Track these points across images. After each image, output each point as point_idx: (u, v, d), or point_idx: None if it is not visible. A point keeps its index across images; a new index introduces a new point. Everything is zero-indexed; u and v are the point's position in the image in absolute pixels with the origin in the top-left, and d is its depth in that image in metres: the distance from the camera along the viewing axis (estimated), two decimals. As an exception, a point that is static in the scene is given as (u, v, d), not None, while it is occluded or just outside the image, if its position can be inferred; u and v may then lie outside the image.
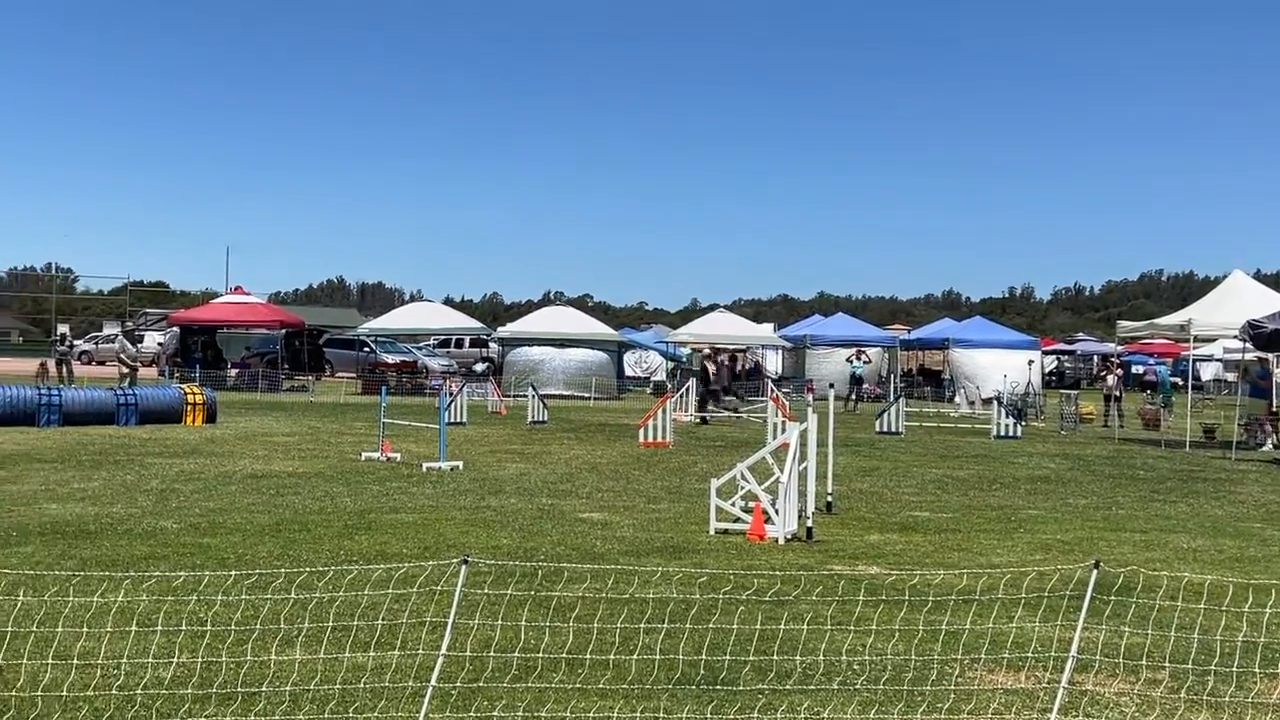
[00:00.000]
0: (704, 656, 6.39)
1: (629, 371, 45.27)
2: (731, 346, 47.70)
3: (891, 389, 37.41)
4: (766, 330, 50.04)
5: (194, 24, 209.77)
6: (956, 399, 38.81)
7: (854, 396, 36.21)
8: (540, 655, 6.31)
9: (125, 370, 32.15)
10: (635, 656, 6.34)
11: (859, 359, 37.81)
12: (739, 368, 30.22)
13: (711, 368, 31.22)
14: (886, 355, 44.55)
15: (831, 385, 14.78)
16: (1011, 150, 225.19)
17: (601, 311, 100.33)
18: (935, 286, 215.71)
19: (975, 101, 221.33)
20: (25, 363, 49.87)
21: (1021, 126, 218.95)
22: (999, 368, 38.64)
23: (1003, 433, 25.60)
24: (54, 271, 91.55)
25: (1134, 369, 52.05)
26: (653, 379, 46.48)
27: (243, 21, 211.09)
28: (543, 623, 6.98)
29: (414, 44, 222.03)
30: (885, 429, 26.01)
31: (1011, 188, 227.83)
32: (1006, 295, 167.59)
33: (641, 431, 21.46)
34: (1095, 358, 64.62)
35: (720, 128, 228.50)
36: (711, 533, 11.17)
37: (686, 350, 48.86)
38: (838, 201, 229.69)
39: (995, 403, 27.42)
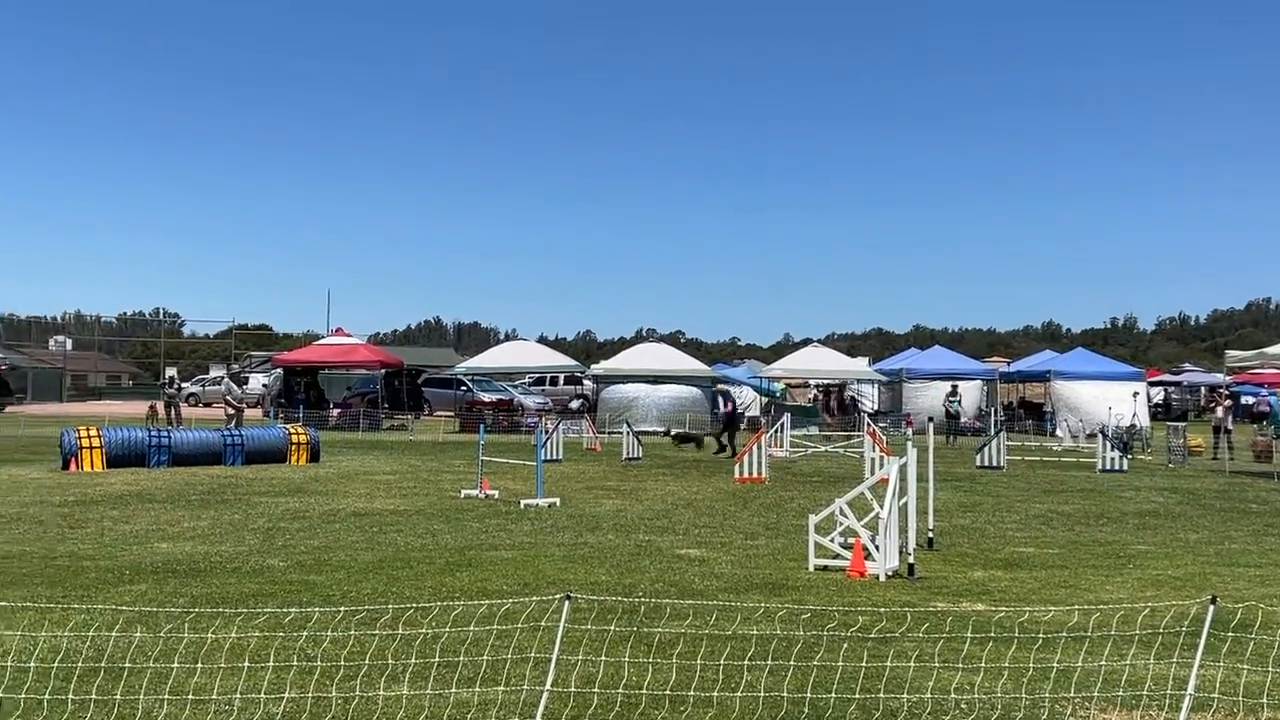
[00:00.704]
0: (808, 694, 6.33)
1: (722, 408, 45.14)
2: (826, 381, 47.38)
3: (992, 423, 36.80)
4: (861, 364, 49.61)
5: (295, 72, 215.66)
6: (1059, 432, 38.03)
7: (951, 431, 35.71)
8: (643, 692, 6.31)
9: (231, 411, 32.96)
10: (739, 694, 6.30)
11: (953, 397, 37.31)
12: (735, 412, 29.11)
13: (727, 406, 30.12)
14: (985, 388, 43.86)
15: (930, 419, 14.59)
16: (1110, 176, 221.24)
17: (694, 348, 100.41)
18: (1034, 318, 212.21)
19: (1072, 126, 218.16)
20: (136, 405, 51.44)
21: (1121, 151, 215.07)
22: (1103, 400, 37.82)
23: (1108, 466, 25.02)
24: (162, 316, 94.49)
25: (1243, 400, 50.53)
26: (746, 414, 46.29)
27: (341, 70, 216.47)
28: (645, 659, 6.98)
29: (508, 90, 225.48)
30: (986, 463, 25.58)
31: (1112, 215, 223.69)
32: (1108, 326, 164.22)
33: (737, 467, 21.39)
34: (1202, 389, 62.90)
35: (807, 162, 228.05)
36: (811, 569, 11.07)
37: (780, 385, 48.65)
38: (932, 233, 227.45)
39: (1100, 436, 26.80)
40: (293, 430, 24.78)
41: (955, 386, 38.57)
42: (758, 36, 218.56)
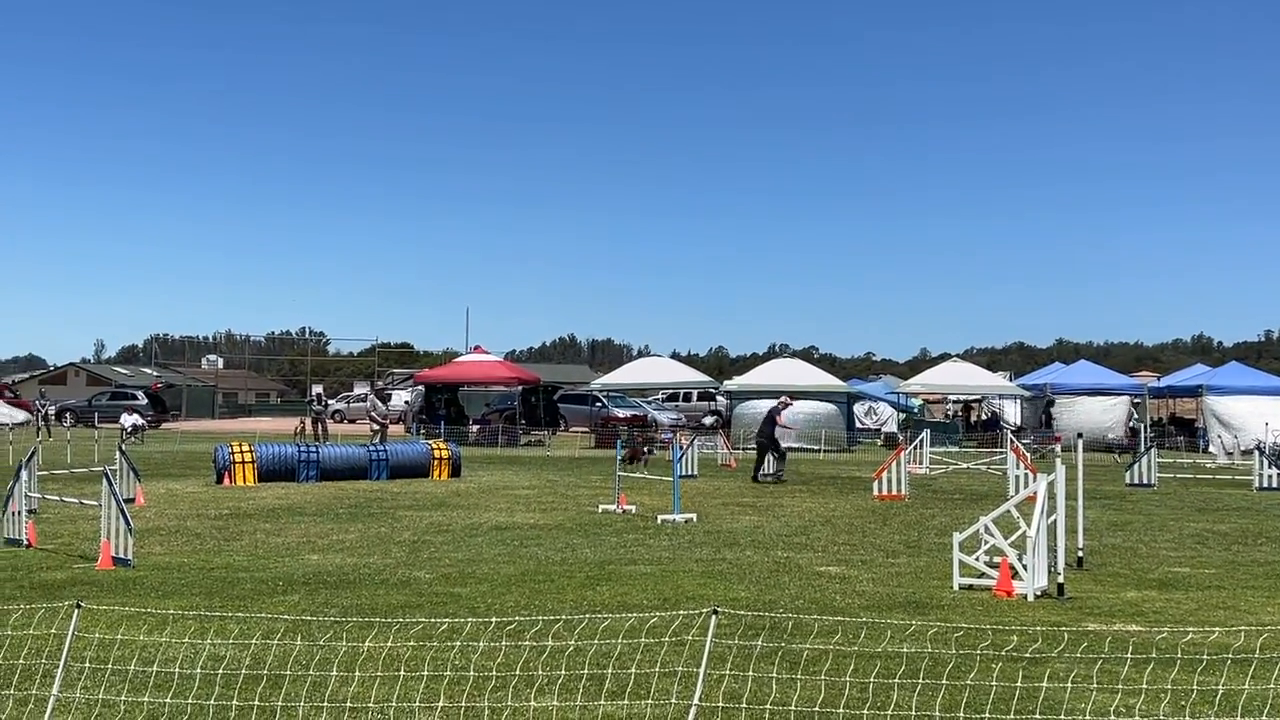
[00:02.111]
0: (960, 714, 6.20)
1: (859, 423, 44.64)
2: (959, 396, 46.42)
3: (1142, 439, 35.62)
4: (1002, 379, 48.53)
5: (436, 89, 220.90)
6: (1212, 449, 36.60)
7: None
8: (791, 708, 6.26)
9: (376, 427, 33.74)
10: (888, 713, 6.21)
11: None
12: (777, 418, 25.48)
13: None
14: (1134, 404, 42.48)
15: (1079, 435, 14.17)
16: (1262, 183, 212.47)
17: (828, 363, 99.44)
18: (1184, 330, 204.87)
19: (1217, 127, 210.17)
20: (284, 422, 53.12)
21: (1272, 154, 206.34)
22: (1259, 415, 36.27)
23: (1266, 484, 23.96)
24: (308, 335, 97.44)
25: None
26: (883, 430, 45.69)
27: (480, 86, 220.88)
28: (790, 676, 6.92)
29: (645, 105, 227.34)
30: (1136, 481, 24.74)
31: (1265, 224, 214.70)
32: (1262, 339, 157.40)
33: (876, 484, 21.10)
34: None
35: (946, 167, 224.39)
36: (955, 588, 10.85)
37: (918, 401, 47.87)
38: (1076, 244, 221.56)
39: (1256, 453, 25.70)
40: (435, 446, 25.29)
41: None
42: (905, 29, 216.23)
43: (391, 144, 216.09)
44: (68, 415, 53.20)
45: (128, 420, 41.83)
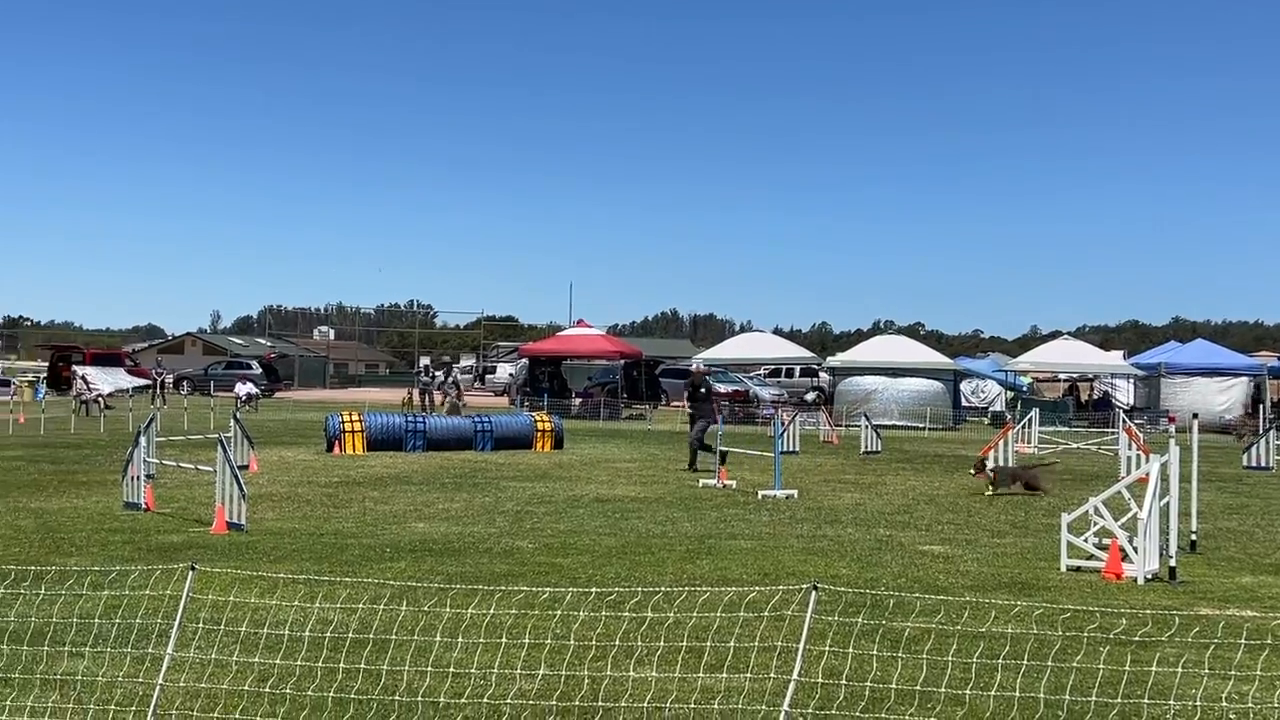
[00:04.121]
0: (1066, 697, 6.09)
1: (965, 401, 43.95)
2: (1070, 374, 45.40)
3: (1261, 420, 34.49)
4: (1116, 358, 47.34)
5: (540, 68, 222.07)
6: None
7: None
8: (891, 686, 6.21)
9: (440, 399, 33.90)
10: (992, 693, 6.12)
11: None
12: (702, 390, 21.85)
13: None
14: (1253, 384, 41.13)
15: (1195, 415, 13.75)
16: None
17: (934, 340, 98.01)
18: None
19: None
20: (392, 392, 54.10)
21: None
22: (1387, 397, 34.85)
23: (1395, 469, 23.03)
24: (415, 308, 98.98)
25: None
26: (991, 409, 44.93)
27: (584, 64, 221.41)
28: (891, 654, 6.87)
29: (752, 80, 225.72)
30: (1254, 464, 23.97)
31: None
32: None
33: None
34: None
35: (1054, 143, 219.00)
36: (1062, 570, 10.65)
37: (1027, 379, 46.96)
38: (1191, 219, 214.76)
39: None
40: (538, 418, 25.55)
41: None
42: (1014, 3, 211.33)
43: (498, 120, 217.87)
44: (185, 384, 54.88)
45: (242, 389, 42.99)
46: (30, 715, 5.69)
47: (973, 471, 18.70)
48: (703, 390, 22.14)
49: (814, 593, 5.18)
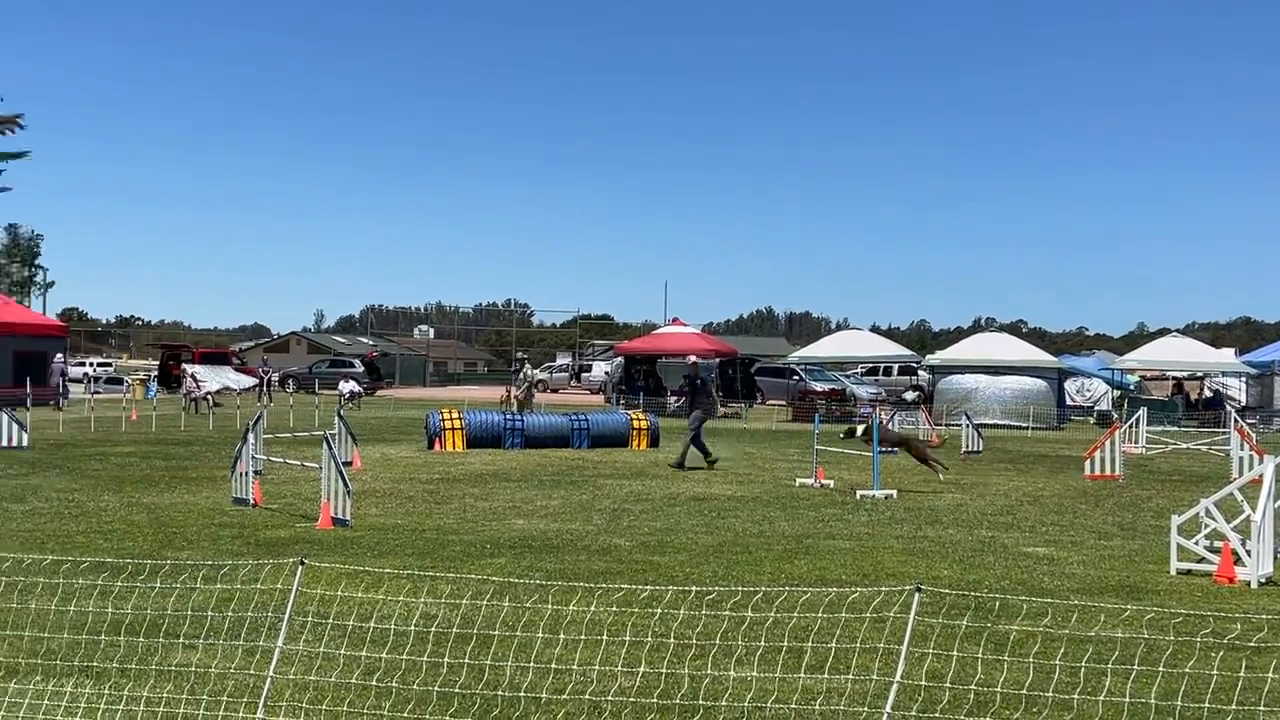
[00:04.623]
0: (1177, 703, 5.94)
1: (1070, 400, 43.03)
2: (1178, 372, 44.16)
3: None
4: (1227, 356, 45.98)
5: (628, 65, 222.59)
6: None
7: None
8: (997, 690, 6.11)
9: (520, 398, 34.02)
10: (1100, 698, 6.00)
11: None
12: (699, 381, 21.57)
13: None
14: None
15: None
16: None
17: (1037, 337, 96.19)
18: None
19: None
20: (490, 390, 54.69)
21: None
22: None
23: None
24: (513, 307, 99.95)
25: None
26: (1096, 408, 43.95)
27: (683, 61, 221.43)
28: (996, 657, 6.76)
29: (836, 75, 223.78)
30: (1375, 465, 23.11)
31: None
32: None
33: (1087, 463, 20.32)
34: None
35: (1164, 134, 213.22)
36: (1172, 573, 10.38)
37: (1134, 378, 45.86)
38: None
39: None
40: (634, 416, 25.62)
41: None
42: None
43: (596, 118, 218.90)
44: (290, 382, 56.12)
45: (345, 387, 43.80)
46: (147, 705, 5.87)
47: (842, 435, 18.95)
48: (699, 382, 22.00)
49: (917, 594, 5.12)
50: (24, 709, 5.77)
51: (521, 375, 33.34)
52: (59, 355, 41.05)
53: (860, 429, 18.23)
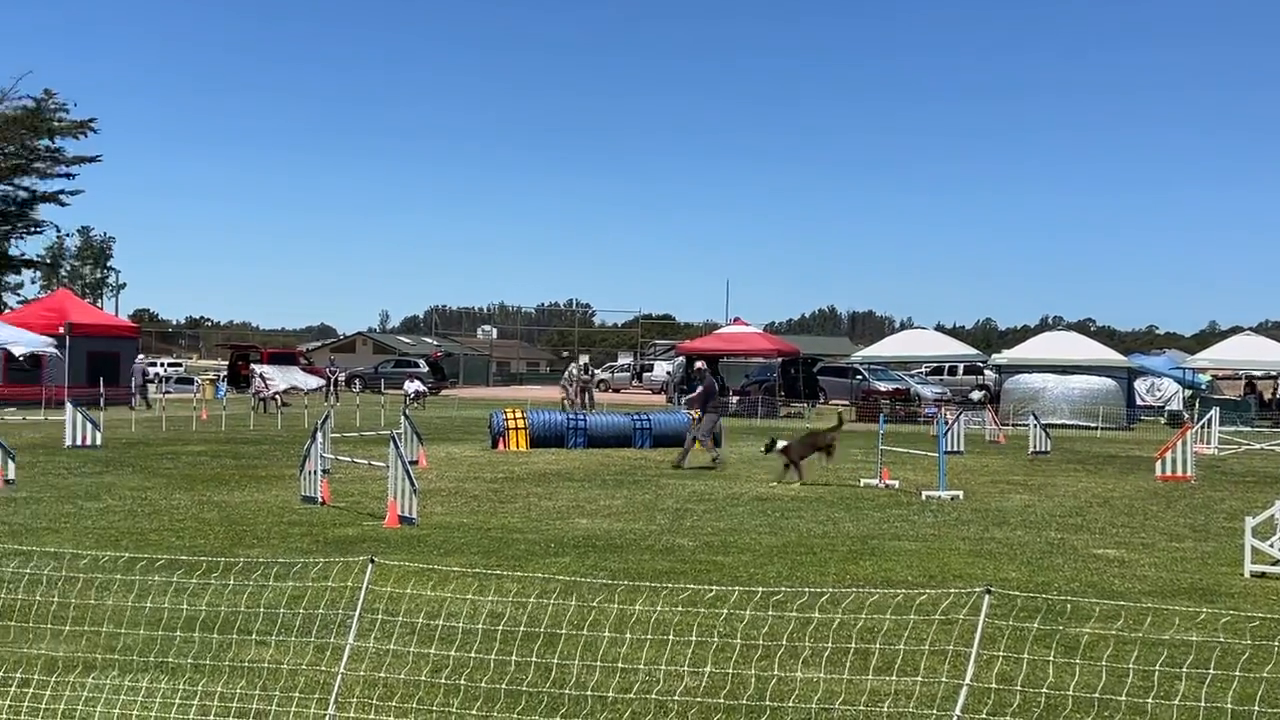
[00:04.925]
0: (1254, 708, 5.83)
1: (1140, 400, 42.33)
2: (1251, 372, 43.19)
3: None
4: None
5: (680, 75, 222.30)
6: None
7: None
8: (1068, 693, 6.04)
9: (570, 398, 34.13)
10: (1175, 703, 5.90)
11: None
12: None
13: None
14: None
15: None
16: None
17: (1106, 336, 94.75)
18: None
19: None
20: (553, 390, 54.92)
21: None
22: None
23: None
24: (574, 307, 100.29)
25: None
26: (1167, 408, 43.21)
27: (748, 65, 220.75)
28: (1067, 660, 6.67)
29: (899, 73, 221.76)
30: None
31: None
32: None
33: (1159, 464, 19.98)
34: None
35: (1232, 129, 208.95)
36: (1246, 576, 10.18)
37: (1206, 377, 45.03)
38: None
39: None
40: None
41: None
42: None
43: (656, 119, 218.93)
44: (356, 381, 56.76)
45: (410, 386, 44.23)
46: (220, 700, 5.97)
47: (763, 450, 18.77)
48: (709, 384, 21.83)
49: (987, 596, 5.06)
50: (101, 703, 5.89)
51: (567, 374, 33.43)
52: (141, 356, 41.85)
53: (780, 443, 18.19)
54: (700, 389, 21.82)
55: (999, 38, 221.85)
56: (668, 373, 52.47)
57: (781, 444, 18.08)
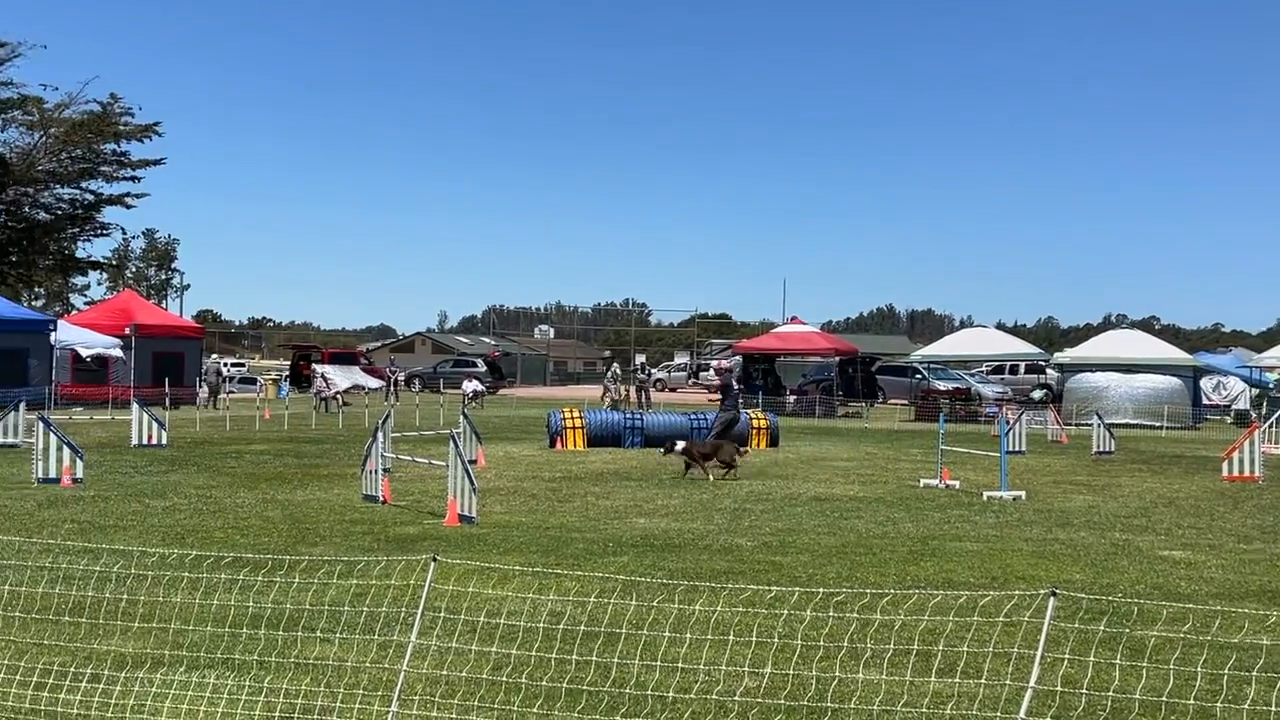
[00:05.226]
0: (1328, 716, 5.71)
1: (1206, 399, 41.60)
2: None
3: None
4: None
5: (765, 65, 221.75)
6: None
7: None
8: (1135, 697, 5.95)
9: (614, 398, 34.07)
10: (1244, 707, 5.80)
11: None
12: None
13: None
14: None
15: None
16: None
17: (1171, 334, 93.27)
18: None
19: None
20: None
21: None
22: None
23: None
24: (631, 306, 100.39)
25: None
26: (1234, 407, 42.43)
27: (800, 60, 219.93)
28: (1133, 663, 6.57)
29: (962, 67, 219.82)
30: None
31: None
32: None
33: (1225, 464, 19.63)
34: None
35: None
36: (1319, 578, 9.98)
37: (1274, 376, 44.19)
38: None
39: None
40: (753, 415, 25.52)
41: None
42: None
43: (712, 118, 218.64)
44: (415, 381, 57.23)
45: (469, 386, 44.51)
46: (284, 697, 6.04)
47: (662, 451, 18.95)
48: (731, 385, 22.06)
49: (1052, 599, 5.00)
50: (169, 699, 5.98)
51: (610, 373, 33.41)
52: (214, 355, 42.51)
53: (680, 445, 18.38)
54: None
55: (1072, 27, 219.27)
56: (715, 372, 52.37)
57: (681, 445, 18.40)
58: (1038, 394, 40.88)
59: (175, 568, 8.65)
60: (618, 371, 34.34)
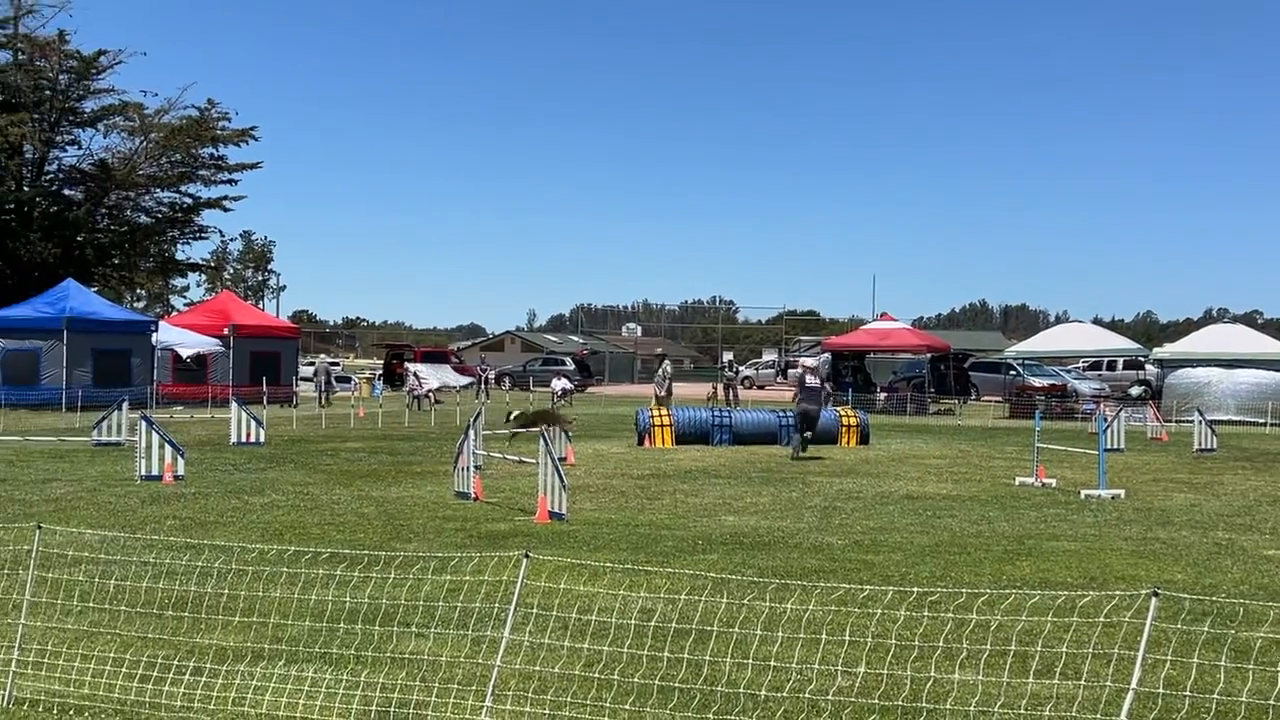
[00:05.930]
0: None
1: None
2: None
3: None
4: None
5: (851, 56, 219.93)
6: None
7: None
8: (1240, 700, 5.79)
9: (658, 395, 33.78)
10: (1359, 715, 5.60)
11: None
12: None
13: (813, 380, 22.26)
14: None
15: None
16: None
17: (1274, 329, 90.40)
18: None
19: None
20: (697, 387, 54.99)
21: None
22: None
23: None
24: (718, 304, 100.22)
25: None
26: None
27: (896, 55, 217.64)
28: (1239, 665, 6.40)
29: (1044, 61, 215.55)
30: None
31: None
32: None
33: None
34: None
35: None
36: None
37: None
38: None
39: None
40: (843, 413, 25.32)
41: None
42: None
43: (798, 114, 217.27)
44: (505, 379, 57.74)
45: (558, 384, 44.77)
46: (381, 691, 6.13)
47: (505, 420, 21.36)
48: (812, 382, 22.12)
49: (1154, 599, 4.88)
50: (269, 693, 6.10)
51: (661, 372, 33.16)
52: (322, 355, 43.35)
53: (514, 413, 21.43)
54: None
55: (1159, 11, 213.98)
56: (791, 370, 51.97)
57: (515, 413, 21.39)
58: (1136, 390, 39.95)
59: (274, 563, 8.83)
60: (668, 370, 34.08)
